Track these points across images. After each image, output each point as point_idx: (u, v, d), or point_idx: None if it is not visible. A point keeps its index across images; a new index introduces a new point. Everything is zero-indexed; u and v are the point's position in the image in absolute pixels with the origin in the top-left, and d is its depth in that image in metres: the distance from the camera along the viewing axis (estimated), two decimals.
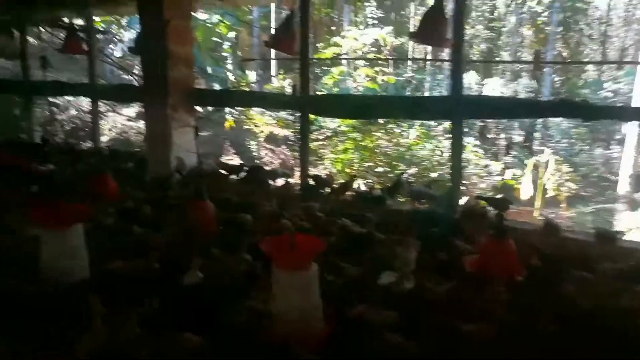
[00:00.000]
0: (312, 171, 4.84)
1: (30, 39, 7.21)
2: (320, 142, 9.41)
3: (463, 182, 4.46)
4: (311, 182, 4.34)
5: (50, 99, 9.61)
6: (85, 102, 8.68)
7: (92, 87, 6.19)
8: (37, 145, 6.02)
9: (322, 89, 9.62)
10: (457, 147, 3.67)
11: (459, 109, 3.60)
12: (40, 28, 7.82)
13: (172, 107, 4.56)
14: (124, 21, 10.81)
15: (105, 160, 5.42)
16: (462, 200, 3.91)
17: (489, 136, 12.29)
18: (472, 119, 8.58)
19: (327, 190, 4.18)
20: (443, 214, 3.50)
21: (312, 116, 5.63)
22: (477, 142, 10.78)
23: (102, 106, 9.38)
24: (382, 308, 2.15)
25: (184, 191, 4.17)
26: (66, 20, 6.94)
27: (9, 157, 4.73)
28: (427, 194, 3.84)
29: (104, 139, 9.05)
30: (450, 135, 3.73)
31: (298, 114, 4.58)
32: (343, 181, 4.50)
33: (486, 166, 9.90)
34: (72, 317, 2.02)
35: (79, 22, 6.72)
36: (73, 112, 10.09)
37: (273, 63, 12.03)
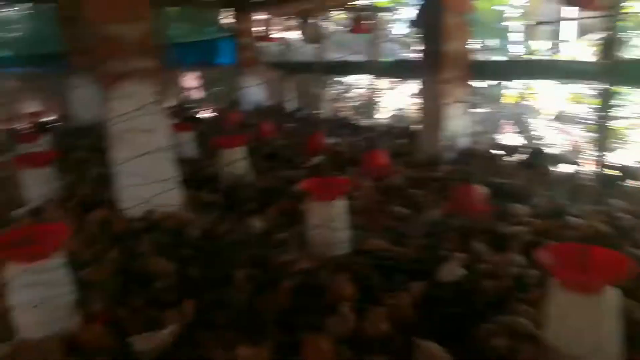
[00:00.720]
0: (613, 158, 3.89)
1: (325, 24, 7.95)
2: (628, 122, 7.65)
3: None
4: (611, 172, 3.46)
5: (339, 78, 10.59)
6: (370, 80, 9.21)
7: (373, 65, 6.44)
8: (330, 121, 6.63)
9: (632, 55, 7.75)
10: None
11: None
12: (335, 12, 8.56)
13: (445, 81, 4.28)
14: None
15: (380, 136, 5.57)
16: None
17: None
18: None
19: (635, 184, 3.25)
20: None
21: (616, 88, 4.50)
22: None
23: (387, 83, 9.79)
24: None
25: (453, 172, 3.90)
26: (355, 2, 7.39)
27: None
28: None
29: (386, 115, 9.43)
30: None
31: (599, 86, 3.68)
32: None
33: None
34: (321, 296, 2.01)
35: (365, 2, 7.07)
36: (360, 89, 10.87)
37: (565, 28, 10.31)
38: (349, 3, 7.43)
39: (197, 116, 7.43)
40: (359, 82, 10.09)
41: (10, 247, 1.70)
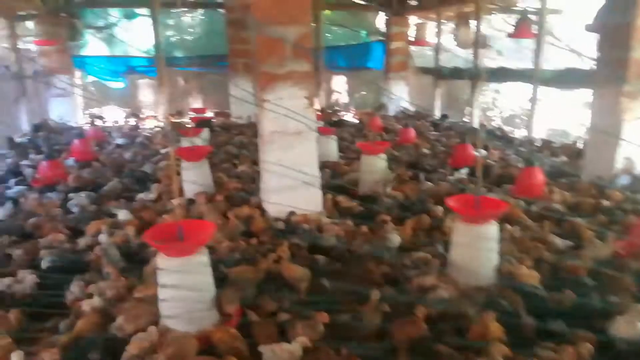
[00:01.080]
0: None
1: (482, 27, 7.43)
2: None
3: None
4: None
5: (494, 85, 9.88)
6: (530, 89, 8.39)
7: (534, 73, 5.82)
8: (480, 131, 6.17)
9: None
10: None
11: None
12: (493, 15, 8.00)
13: (629, 94, 3.66)
14: None
15: (537, 152, 5.03)
16: None
17: None
18: None
19: None
20: None
21: None
22: None
23: (549, 93, 8.89)
24: None
25: (628, 201, 3.32)
26: (519, 5, 6.79)
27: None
28: None
29: (545, 128, 8.56)
30: None
31: None
32: None
33: None
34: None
35: (531, 5, 6.45)
36: (516, 98, 10.04)
37: None
38: (514, 5, 6.87)
39: (342, 120, 7.49)
40: (516, 91, 9.31)
41: (161, 239, 1.78)
